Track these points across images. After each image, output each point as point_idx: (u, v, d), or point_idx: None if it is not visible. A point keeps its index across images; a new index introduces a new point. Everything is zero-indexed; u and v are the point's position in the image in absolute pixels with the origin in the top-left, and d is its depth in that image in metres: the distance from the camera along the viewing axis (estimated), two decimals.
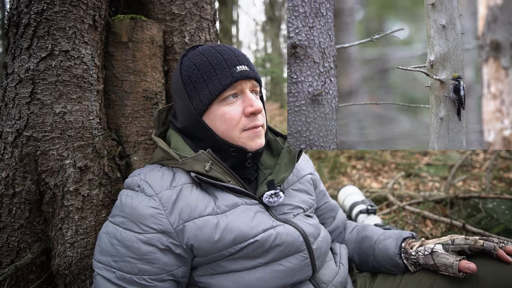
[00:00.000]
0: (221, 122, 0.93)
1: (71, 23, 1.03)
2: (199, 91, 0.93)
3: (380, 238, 1.11)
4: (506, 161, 3.61)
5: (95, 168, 1.09)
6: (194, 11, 1.32)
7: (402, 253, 1.02)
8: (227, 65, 0.92)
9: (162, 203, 0.84)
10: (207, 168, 0.89)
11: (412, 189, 3.10)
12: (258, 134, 0.95)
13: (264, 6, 13.27)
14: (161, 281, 0.83)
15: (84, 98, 1.07)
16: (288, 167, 1.00)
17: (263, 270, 0.88)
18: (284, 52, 13.19)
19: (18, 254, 1.04)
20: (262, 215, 0.92)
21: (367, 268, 1.14)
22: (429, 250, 0.95)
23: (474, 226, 1.97)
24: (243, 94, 0.94)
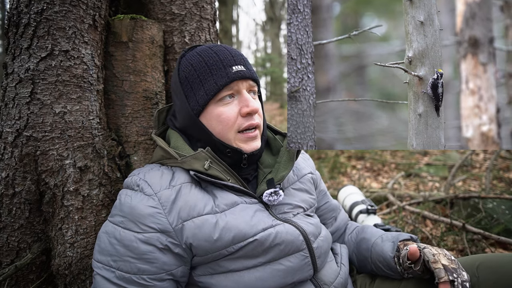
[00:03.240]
0: (217, 122, 0.93)
1: (71, 23, 1.03)
2: (195, 91, 0.94)
3: (377, 241, 1.09)
4: (506, 161, 3.61)
5: (95, 168, 1.09)
6: (194, 11, 1.32)
7: (395, 257, 0.99)
8: (223, 66, 0.93)
9: (161, 202, 0.84)
10: (206, 167, 0.89)
11: (412, 189, 3.10)
12: (253, 137, 0.95)
13: (264, 6, 13.27)
14: (160, 281, 0.83)
15: (84, 98, 1.07)
16: (288, 165, 1.00)
17: (263, 269, 0.88)
18: (284, 52, 13.19)
19: (18, 254, 1.04)
20: (262, 214, 0.92)
21: (366, 270, 1.13)
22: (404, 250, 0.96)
23: (474, 226, 1.97)
24: (240, 94, 0.94)
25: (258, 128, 0.97)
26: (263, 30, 15.88)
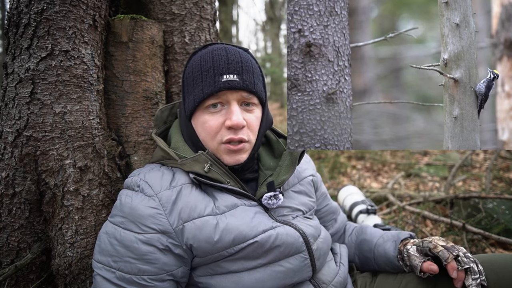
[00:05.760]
0: (201, 129, 0.93)
1: (71, 23, 1.03)
2: (189, 93, 0.94)
3: (379, 241, 1.10)
4: (506, 161, 3.61)
5: (95, 168, 1.09)
6: (194, 11, 1.32)
7: (398, 255, 1.03)
8: (214, 73, 0.89)
9: (162, 203, 0.84)
10: (206, 169, 0.89)
11: (412, 189, 3.10)
12: (235, 150, 0.91)
13: (264, 6, 13.27)
14: (161, 281, 0.83)
15: (84, 98, 1.07)
16: (289, 169, 0.99)
17: (263, 270, 0.88)
18: (284, 52, 13.18)
19: (18, 254, 1.04)
20: (262, 216, 0.92)
21: (369, 269, 1.15)
22: (406, 252, 0.99)
23: (474, 226, 1.97)
24: (228, 105, 0.91)
25: (245, 142, 0.92)
26: (263, 30, 15.88)
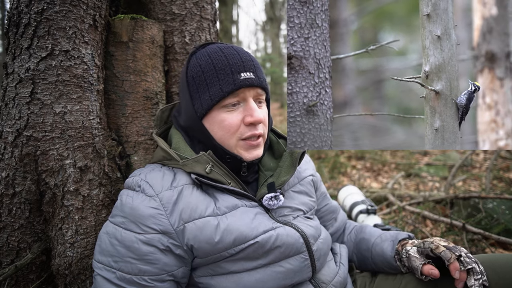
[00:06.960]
0: (219, 128, 0.92)
1: (71, 23, 1.03)
2: (201, 94, 0.92)
3: (377, 241, 1.11)
4: (506, 161, 3.61)
5: (95, 168, 1.09)
6: (195, 11, 1.32)
7: (395, 255, 1.03)
8: (231, 71, 0.90)
9: (163, 203, 0.84)
10: (207, 170, 0.89)
11: (412, 189, 3.10)
12: (255, 145, 0.93)
13: (264, 6, 13.27)
14: (161, 282, 0.83)
15: (84, 98, 1.07)
16: (289, 170, 0.99)
17: (263, 271, 0.88)
18: (284, 52, 13.19)
19: (18, 254, 1.04)
20: (262, 216, 0.92)
21: (367, 269, 1.15)
22: (406, 253, 0.98)
23: (474, 226, 1.97)
24: (245, 102, 0.92)
25: (262, 137, 0.95)
26: (263, 30, 15.88)
